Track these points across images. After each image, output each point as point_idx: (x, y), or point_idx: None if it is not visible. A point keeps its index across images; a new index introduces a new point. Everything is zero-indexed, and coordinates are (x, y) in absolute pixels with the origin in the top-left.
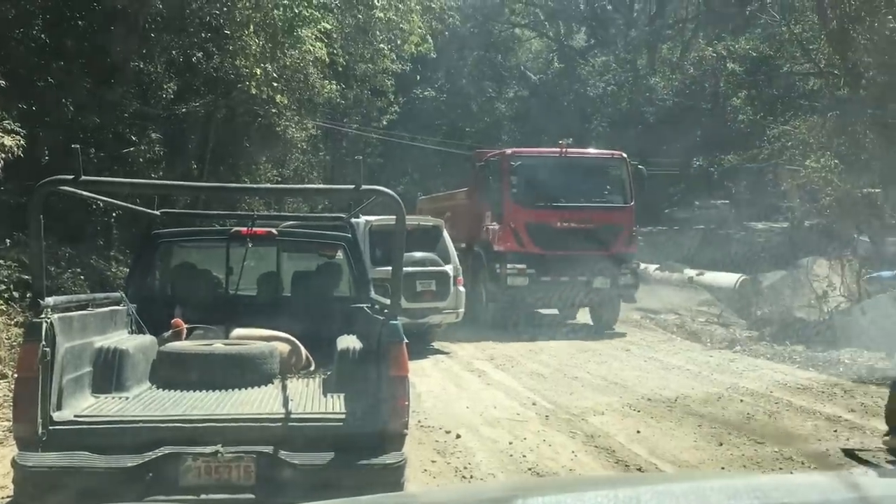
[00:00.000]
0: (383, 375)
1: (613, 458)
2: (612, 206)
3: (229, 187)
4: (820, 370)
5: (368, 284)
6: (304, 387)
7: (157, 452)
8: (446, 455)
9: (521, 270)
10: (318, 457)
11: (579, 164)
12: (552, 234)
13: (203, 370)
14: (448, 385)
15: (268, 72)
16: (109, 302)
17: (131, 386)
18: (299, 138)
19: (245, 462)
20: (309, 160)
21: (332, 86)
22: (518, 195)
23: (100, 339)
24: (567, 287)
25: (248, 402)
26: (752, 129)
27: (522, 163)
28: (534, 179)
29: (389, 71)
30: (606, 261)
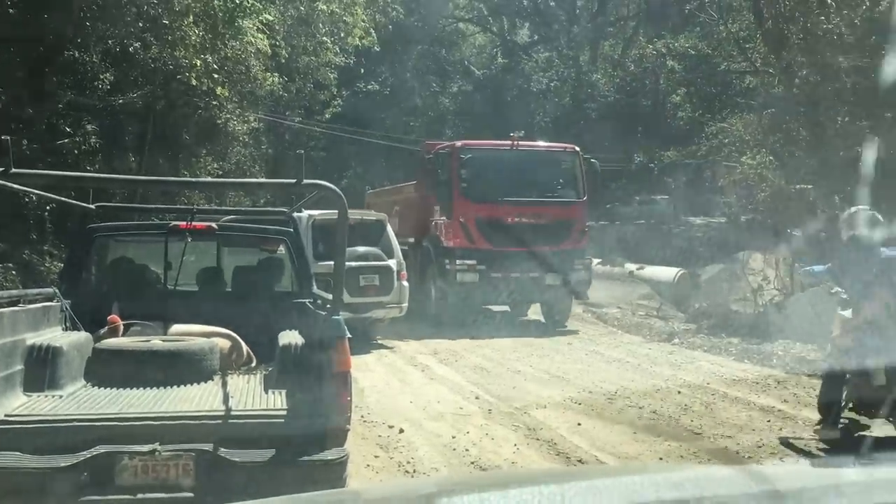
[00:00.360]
0: (325, 371)
1: (555, 451)
2: (564, 200)
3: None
4: (754, 362)
5: (311, 279)
6: (245, 383)
7: (91, 452)
8: (389, 450)
9: (471, 266)
10: (259, 454)
11: (531, 157)
12: (503, 229)
13: (140, 367)
14: (391, 380)
15: (208, 63)
16: (42, 298)
17: (65, 384)
18: (241, 131)
19: (184, 460)
20: (251, 153)
21: (274, 78)
22: (468, 189)
23: (32, 336)
24: (518, 283)
25: (187, 400)
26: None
27: (472, 155)
28: (484, 173)
29: (332, 64)
30: (558, 257)
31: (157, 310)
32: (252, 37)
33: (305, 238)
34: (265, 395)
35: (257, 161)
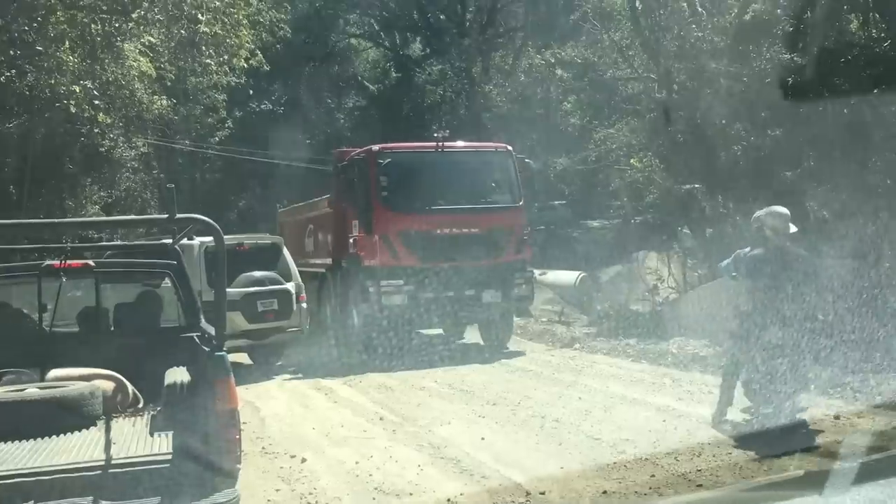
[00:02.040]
0: (211, 410)
1: (459, 468)
2: (498, 206)
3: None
4: (650, 361)
5: (198, 312)
6: (131, 426)
7: None
8: (291, 482)
9: (398, 287)
10: (144, 503)
11: (458, 159)
12: (431, 242)
13: (14, 418)
14: (294, 406)
15: (88, 89)
16: None
17: None
18: (128, 157)
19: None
20: (142, 179)
21: (162, 101)
22: (388, 199)
23: None
24: (452, 303)
25: (65, 450)
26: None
27: (392, 160)
28: (406, 179)
29: (221, 85)
30: (497, 271)
31: (33, 355)
32: (134, 60)
33: (198, 266)
34: (150, 438)
35: (148, 187)
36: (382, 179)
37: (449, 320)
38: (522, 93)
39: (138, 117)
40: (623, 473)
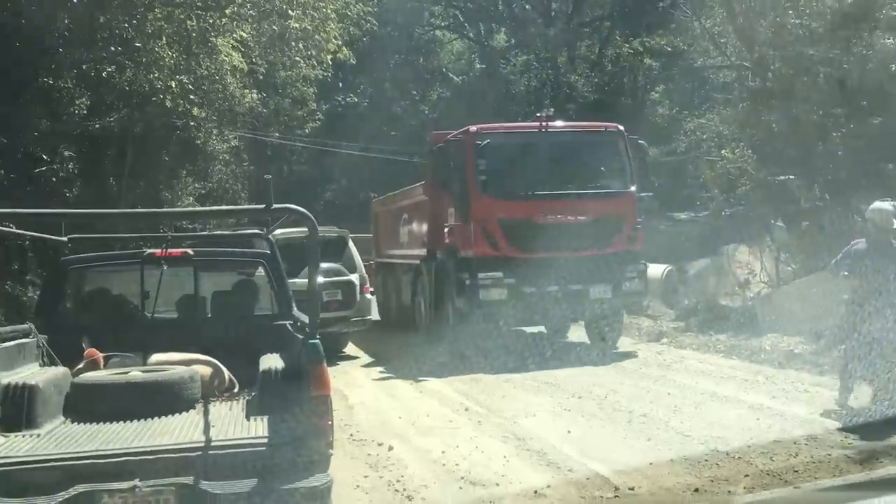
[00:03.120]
0: (305, 395)
1: (545, 461)
2: (608, 192)
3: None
4: (743, 358)
5: (290, 301)
6: (228, 410)
7: (71, 491)
8: (378, 469)
9: (497, 280)
10: (241, 484)
11: (563, 141)
12: (534, 231)
13: (120, 400)
14: (381, 395)
15: (183, 84)
16: (17, 334)
17: (43, 422)
18: (221, 150)
19: (164, 495)
20: (233, 171)
21: (252, 95)
22: (487, 184)
23: (7, 374)
24: (556, 299)
25: (167, 432)
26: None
27: (491, 142)
28: (507, 163)
29: (309, 78)
30: (606, 263)
31: (135, 340)
32: (227, 55)
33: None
34: (247, 422)
35: (239, 178)
36: (480, 163)
37: (552, 317)
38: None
39: (230, 111)
40: (715, 472)
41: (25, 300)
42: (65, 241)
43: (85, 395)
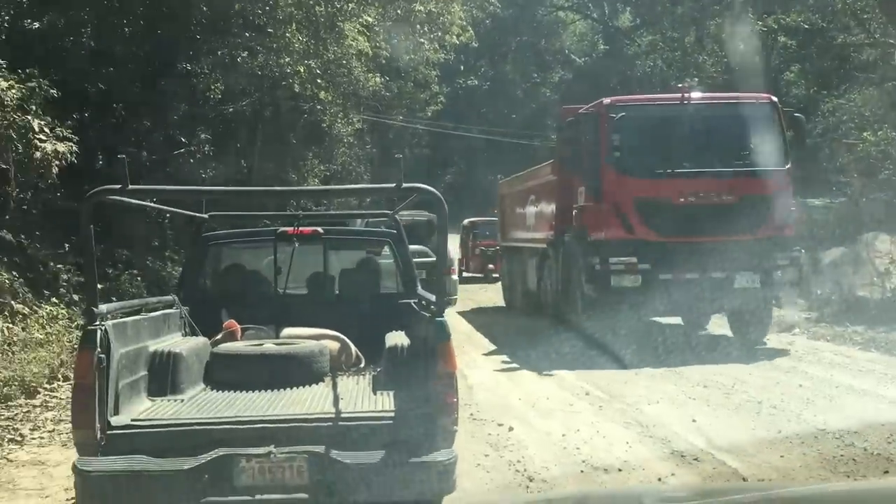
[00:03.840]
0: (431, 372)
1: (669, 449)
2: (759, 170)
3: (273, 191)
4: (882, 351)
5: (415, 280)
6: (355, 384)
7: (212, 454)
8: (499, 448)
9: (631, 266)
10: (369, 455)
11: (708, 113)
12: (673, 212)
13: (255, 370)
14: (500, 377)
15: (311, 68)
16: (162, 305)
17: (186, 388)
18: (345, 133)
19: (297, 462)
20: (356, 154)
21: (376, 78)
22: (622, 160)
23: (154, 342)
24: (696, 287)
25: (299, 402)
26: (806, 103)
27: (627, 115)
28: (644, 137)
29: (432, 61)
30: (754, 248)
31: (268, 314)
32: (353, 39)
33: None
34: (374, 396)
35: (362, 161)
36: (614, 138)
37: (691, 308)
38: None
39: (354, 94)
40: (852, 468)
41: (164, 275)
42: (205, 218)
43: (223, 365)
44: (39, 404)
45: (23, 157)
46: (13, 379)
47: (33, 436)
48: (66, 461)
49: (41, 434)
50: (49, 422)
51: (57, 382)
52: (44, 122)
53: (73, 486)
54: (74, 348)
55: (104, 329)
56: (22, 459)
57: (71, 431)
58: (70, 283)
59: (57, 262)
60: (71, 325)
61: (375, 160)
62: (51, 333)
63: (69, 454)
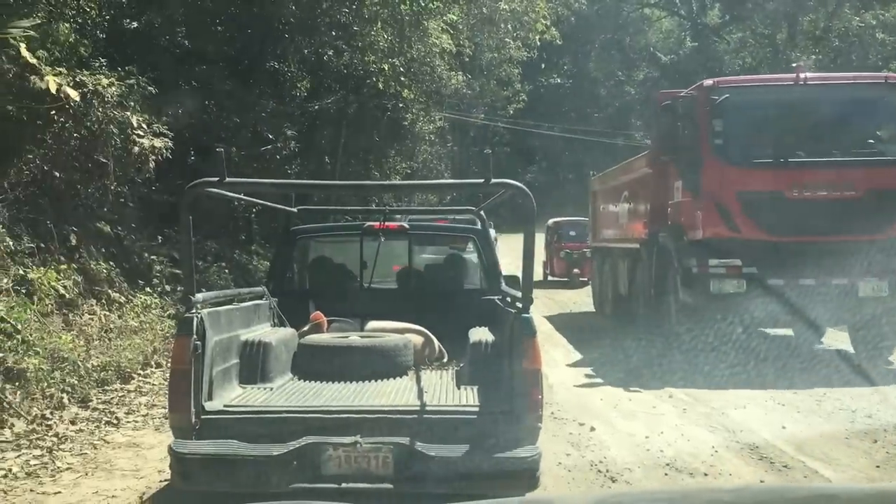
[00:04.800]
0: (516, 369)
1: (757, 455)
2: (887, 160)
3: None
4: None
5: (499, 276)
6: (438, 379)
7: (300, 442)
8: (581, 448)
9: (734, 269)
10: (454, 449)
11: (825, 97)
12: (785, 208)
13: (341, 362)
14: (580, 377)
15: (395, 66)
16: (253, 296)
17: (275, 377)
18: (427, 131)
19: (383, 453)
20: (437, 152)
21: (458, 77)
22: (725, 149)
23: (245, 332)
24: (812, 295)
25: (384, 394)
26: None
27: (732, 98)
28: (750, 123)
29: (515, 60)
30: (882, 251)
31: (353, 307)
32: (437, 38)
33: None
34: (457, 390)
35: (443, 159)
36: (717, 123)
37: (805, 318)
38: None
39: (437, 92)
40: None
41: (250, 268)
42: (294, 212)
43: (310, 356)
44: (134, 389)
45: (121, 152)
46: (110, 364)
47: (128, 419)
48: (160, 444)
49: (135, 418)
50: (143, 406)
51: (150, 369)
52: (142, 118)
53: (168, 467)
54: (167, 337)
55: (200, 317)
56: (118, 441)
57: (167, 415)
58: (163, 273)
59: (151, 254)
60: (163, 314)
61: (456, 158)
62: (145, 322)
63: (162, 437)
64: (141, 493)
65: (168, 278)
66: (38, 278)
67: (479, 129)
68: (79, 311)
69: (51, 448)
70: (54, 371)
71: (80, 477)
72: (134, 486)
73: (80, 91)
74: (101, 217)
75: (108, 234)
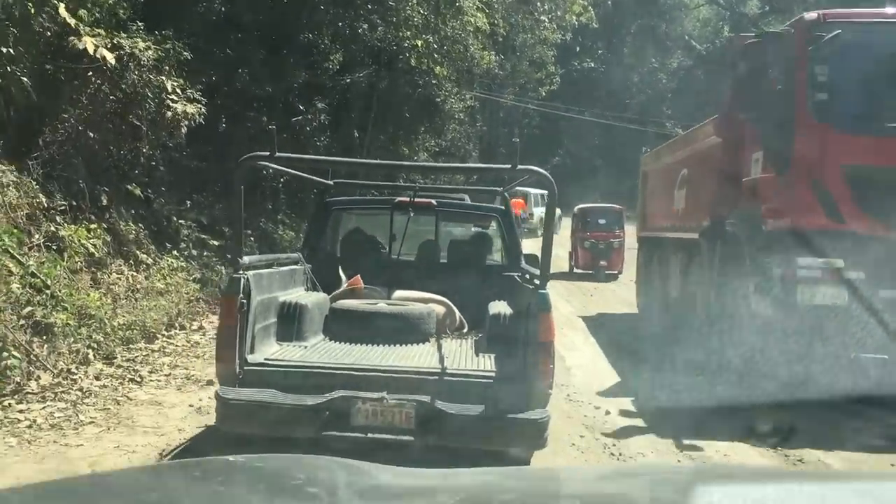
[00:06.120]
0: (532, 340)
1: None
2: None
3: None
4: None
5: (520, 255)
6: (458, 346)
7: (333, 395)
8: (595, 431)
9: (833, 273)
10: (471, 408)
11: None
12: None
13: (369, 326)
14: (598, 360)
15: (429, 43)
16: (290, 262)
17: (308, 336)
18: (457, 109)
19: (406, 409)
20: (466, 131)
21: (490, 56)
22: (832, 107)
23: (283, 294)
24: None
25: (408, 357)
26: None
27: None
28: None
29: (549, 42)
30: None
31: (381, 276)
32: (472, 16)
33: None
34: (476, 357)
35: (472, 138)
36: (820, 71)
37: None
38: None
39: (468, 71)
40: None
41: (276, 237)
42: (331, 185)
43: (341, 319)
44: (157, 349)
45: (155, 116)
46: (135, 324)
47: (151, 378)
48: (181, 403)
49: (158, 377)
50: (166, 366)
51: (174, 330)
52: (176, 83)
53: (214, 411)
54: (191, 300)
55: (246, 278)
56: (140, 398)
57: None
58: (190, 238)
59: (179, 218)
60: (189, 277)
61: (484, 138)
62: (170, 284)
63: (184, 397)
64: (161, 449)
65: (195, 243)
66: (69, 236)
67: (509, 110)
68: (107, 270)
69: (75, 402)
70: (81, 327)
71: (103, 431)
72: (154, 443)
73: (117, 53)
74: (132, 179)
75: (138, 196)
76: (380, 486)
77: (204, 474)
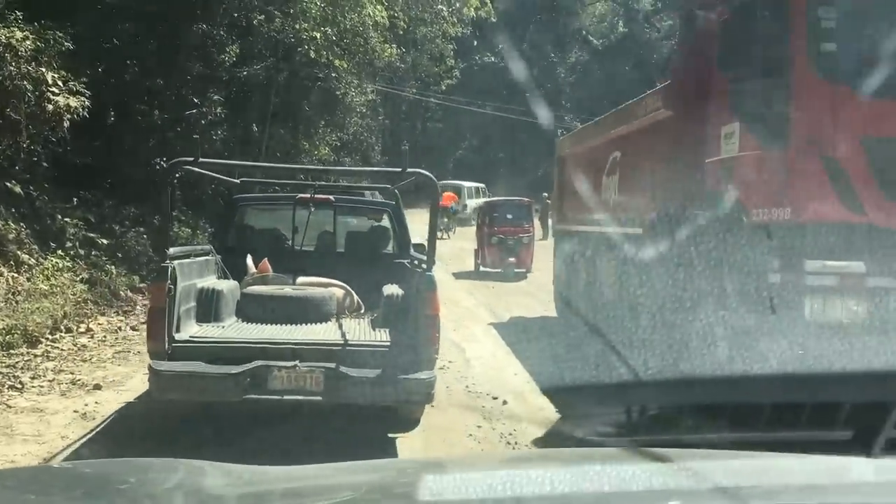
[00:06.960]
0: (420, 314)
1: None
2: None
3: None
4: None
5: (409, 244)
6: (357, 324)
7: (252, 364)
8: (492, 421)
9: (853, 280)
10: (370, 372)
11: None
12: None
13: (277, 308)
14: (498, 352)
15: (328, 35)
16: (204, 253)
17: (224, 318)
18: (358, 102)
19: (315, 374)
20: (368, 124)
21: (392, 49)
22: (837, 63)
23: (200, 281)
24: None
25: (314, 333)
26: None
27: None
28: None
29: (449, 35)
30: None
31: (286, 265)
32: (371, 8)
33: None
34: (373, 331)
35: (374, 132)
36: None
37: None
38: None
39: (369, 64)
40: None
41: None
42: (237, 182)
43: (251, 302)
44: (41, 354)
45: (35, 109)
46: (16, 328)
47: (33, 384)
48: (65, 409)
49: (41, 383)
50: (49, 371)
51: (59, 333)
52: (57, 75)
53: (147, 381)
54: (78, 301)
55: (173, 267)
56: (21, 406)
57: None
58: (77, 237)
59: (65, 216)
60: (76, 278)
61: (387, 131)
62: (55, 285)
63: (68, 403)
64: (42, 458)
65: (82, 242)
66: None
67: (412, 104)
68: None
69: None
70: None
71: None
72: (35, 452)
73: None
74: (12, 176)
75: (19, 193)
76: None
77: (19, 483)
